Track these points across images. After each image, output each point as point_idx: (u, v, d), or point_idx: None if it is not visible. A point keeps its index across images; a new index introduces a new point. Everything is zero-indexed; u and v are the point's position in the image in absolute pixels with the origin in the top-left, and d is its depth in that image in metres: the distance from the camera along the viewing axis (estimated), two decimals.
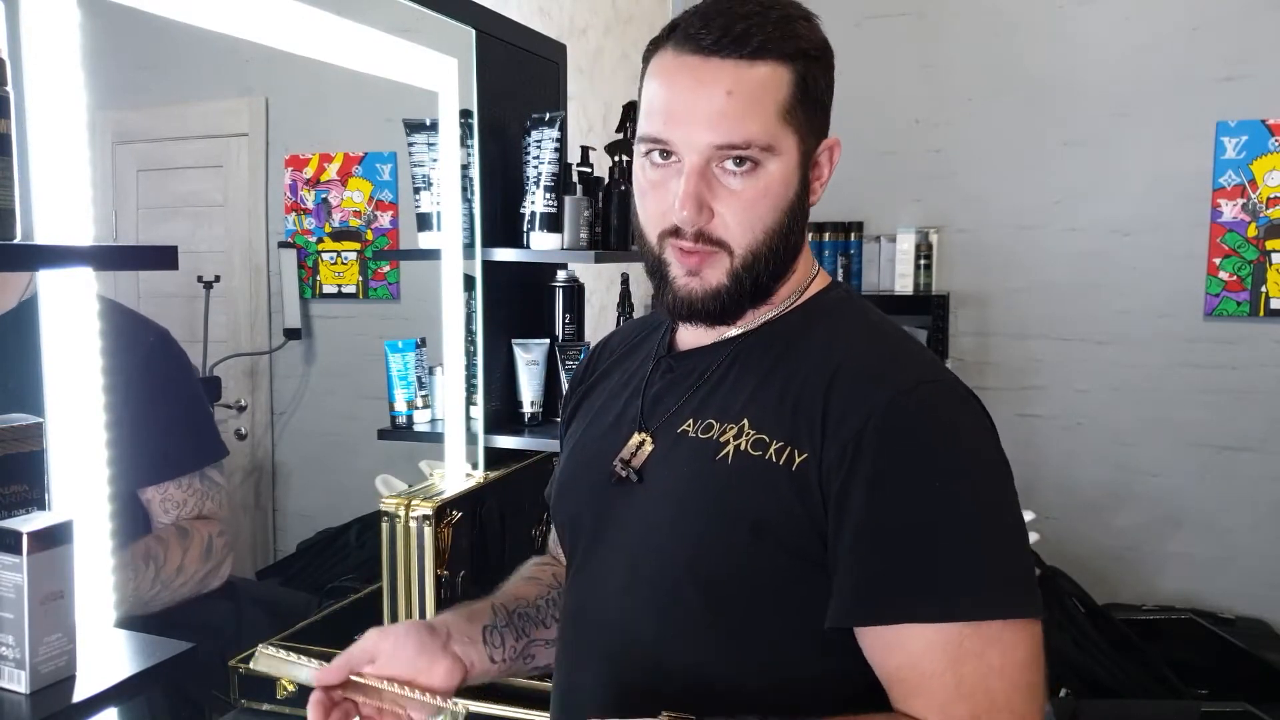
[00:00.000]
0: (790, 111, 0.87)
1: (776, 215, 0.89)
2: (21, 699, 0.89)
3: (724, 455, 0.88)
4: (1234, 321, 3.26)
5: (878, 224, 3.52)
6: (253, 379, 1.83)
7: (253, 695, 1.53)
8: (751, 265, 0.89)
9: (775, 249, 0.90)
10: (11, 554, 0.87)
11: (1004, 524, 0.83)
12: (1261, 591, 3.24)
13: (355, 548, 1.83)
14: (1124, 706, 2.60)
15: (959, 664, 0.78)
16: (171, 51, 1.49)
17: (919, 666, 0.79)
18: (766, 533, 0.85)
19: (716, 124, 0.85)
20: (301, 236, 1.91)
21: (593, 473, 0.98)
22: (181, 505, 1.43)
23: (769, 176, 0.87)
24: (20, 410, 0.96)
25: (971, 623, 0.78)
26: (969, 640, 0.78)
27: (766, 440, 0.86)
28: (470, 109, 1.71)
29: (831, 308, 0.95)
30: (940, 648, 0.78)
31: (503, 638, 1.05)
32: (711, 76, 0.86)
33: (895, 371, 0.87)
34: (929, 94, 3.55)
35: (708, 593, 0.88)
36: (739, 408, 0.90)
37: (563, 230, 1.76)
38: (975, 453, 0.85)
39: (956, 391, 0.88)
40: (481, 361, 1.76)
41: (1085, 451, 3.43)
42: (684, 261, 0.90)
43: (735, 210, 0.88)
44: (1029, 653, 0.79)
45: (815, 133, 0.90)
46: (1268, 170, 3.19)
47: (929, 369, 0.89)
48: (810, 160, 0.91)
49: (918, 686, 0.79)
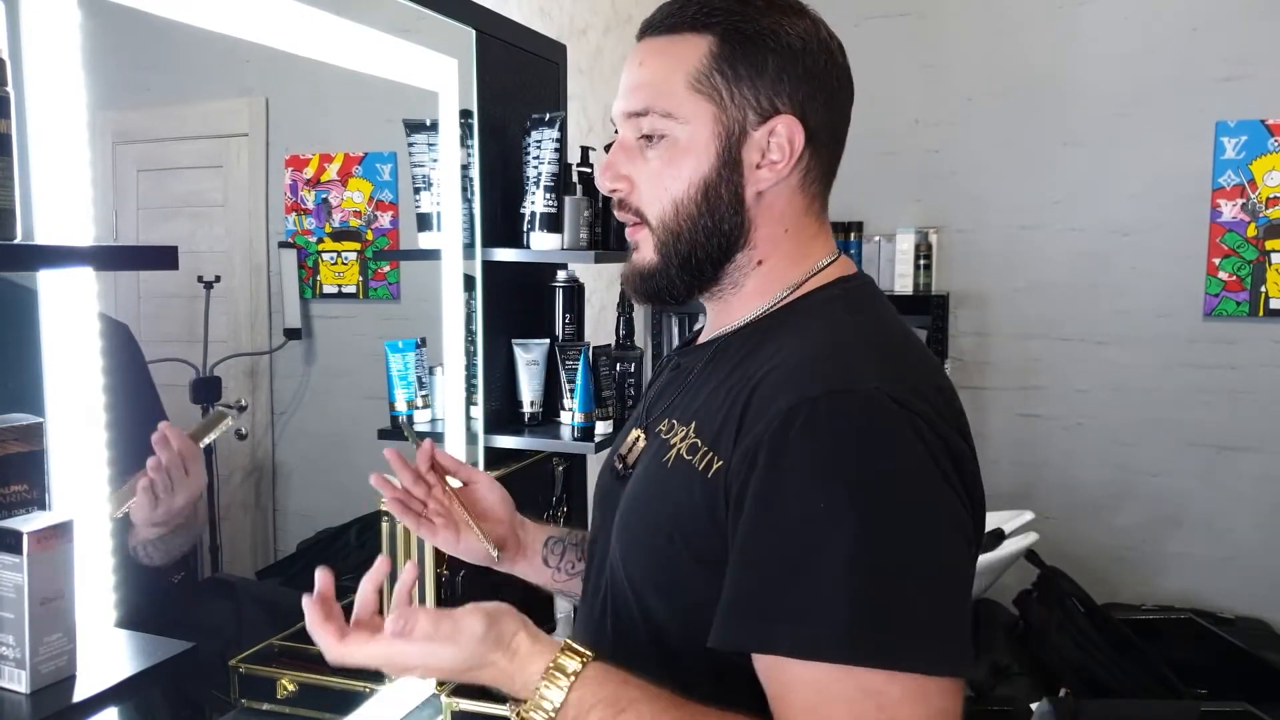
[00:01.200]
0: (702, 79, 0.85)
1: (684, 187, 0.87)
2: (21, 699, 0.89)
3: (668, 458, 0.87)
4: (1234, 321, 3.26)
5: (877, 224, 3.52)
6: (253, 379, 1.83)
7: (253, 695, 1.53)
8: (671, 241, 0.88)
9: (694, 225, 0.87)
10: (11, 554, 0.87)
11: (903, 561, 0.72)
12: (1261, 591, 3.24)
13: (355, 548, 1.83)
14: (1124, 706, 2.60)
15: (825, 707, 0.70)
16: (171, 51, 1.49)
17: (786, 699, 0.72)
18: (679, 538, 0.82)
19: (628, 94, 0.89)
20: (301, 236, 1.91)
21: (609, 467, 1.01)
22: None
23: (674, 146, 0.87)
24: (20, 410, 0.96)
25: (844, 666, 0.69)
26: (838, 685, 0.69)
27: (699, 445, 0.84)
28: (470, 109, 1.71)
29: (816, 305, 0.89)
30: (807, 685, 0.71)
31: (564, 550, 1.15)
32: (636, 52, 0.89)
33: (810, 375, 0.78)
34: (929, 94, 3.55)
35: (638, 594, 0.88)
36: (694, 410, 0.88)
37: (563, 230, 1.76)
38: (882, 476, 0.74)
39: (876, 405, 0.75)
40: (481, 361, 1.76)
41: (1085, 451, 3.43)
42: (628, 237, 0.93)
43: (644, 179, 0.89)
44: (920, 716, 0.68)
45: (751, 108, 0.86)
46: (1267, 170, 3.19)
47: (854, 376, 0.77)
48: (741, 136, 0.86)
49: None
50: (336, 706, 1.49)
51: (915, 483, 0.75)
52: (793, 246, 0.91)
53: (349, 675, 1.58)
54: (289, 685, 1.52)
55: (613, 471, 0.98)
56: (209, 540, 1.70)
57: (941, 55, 3.52)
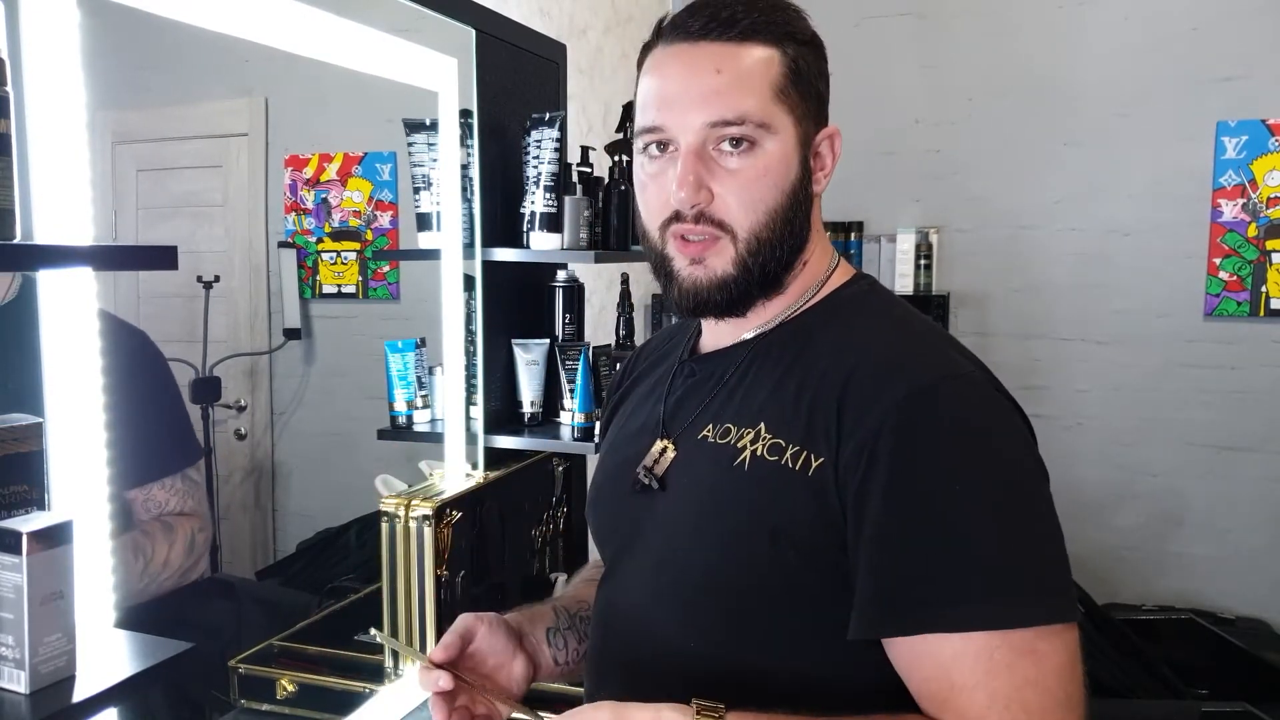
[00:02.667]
0: (783, 92, 0.86)
1: (778, 196, 0.87)
2: (21, 699, 0.88)
3: (741, 461, 0.86)
4: (1234, 321, 3.26)
5: (878, 224, 3.52)
6: (253, 379, 1.83)
7: (253, 695, 1.53)
8: (757, 250, 0.87)
9: (780, 233, 0.87)
10: (11, 554, 0.87)
11: (1032, 527, 0.79)
12: (1261, 591, 3.24)
13: (355, 548, 1.83)
14: (1124, 706, 2.60)
15: (990, 677, 0.74)
16: (171, 51, 1.49)
17: (947, 678, 0.76)
18: (784, 540, 0.82)
19: (709, 101, 0.85)
20: (301, 236, 1.91)
21: (620, 481, 0.97)
22: (164, 505, 1.44)
23: (768, 155, 0.86)
24: (20, 410, 0.96)
25: (1000, 632, 0.74)
26: (999, 651, 0.74)
27: (783, 444, 0.84)
28: (470, 109, 1.71)
29: (852, 301, 0.92)
30: (969, 658, 0.75)
31: (565, 640, 1.06)
32: (700, 58, 0.86)
33: (914, 366, 0.82)
34: (929, 94, 3.55)
35: (728, 602, 0.86)
36: (755, 411, 0.87)
37: (563, 230, 1.76)
38: (999, 452, 0.81)
39: (981, 388, 0.83)
40: (481, 361, 1.76)
41: (1085, 451, 3.43)
42: (686, 251, 0.88)
43: (735, 190, 0.86)
44: (1065, 661, 0.75)
45: (812, 118, 0.89)
46: (1268, 170, 3.19)
47: (952, 363, 0.84)
48: (810, 146, 0.89)
49: (947, 700, 0.76)
50: (336, 707, 1.49)
51: (1021, 454, 0.82)
52: (821, 247, 0.95)
53: (348, 675, 1.59)
54: (288, 685, 1.52)
55: (633, 485, 0.94)
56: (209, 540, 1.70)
57: (941, 55, 3.52)
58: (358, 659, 1.63)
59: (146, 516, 1.43)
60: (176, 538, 1.45)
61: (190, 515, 1.47)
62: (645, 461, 0.94)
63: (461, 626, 0.95)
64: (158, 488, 1.43)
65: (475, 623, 0.96)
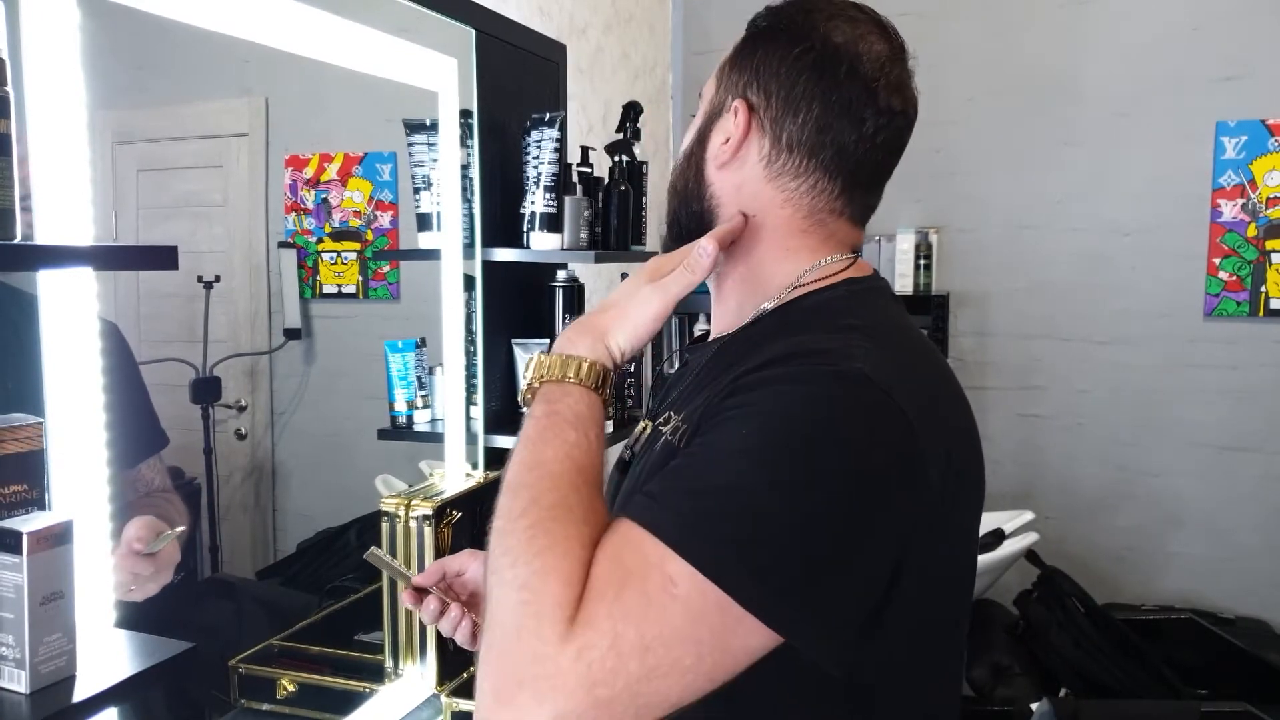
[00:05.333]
0: (721, 68, 0.96)
1: (680, 158, 0.98)
2: (21, 699, 0.89)
3: (657, 445, 0.90)
4: (1234, 321, 3.26)
5: (877, 224, 3.48)
6: (253, 379, 1.83)
7: (252, 695, 1.53)
8: (668, 204, 1.00)
9: (674, 192, 0.98)
10: (11, 554, 0.87)
11: (781, 506, 0.70)
12: (1261, 591, 3.24)
13: (355, 548, 1.83)
14: (1124, 706, 2.60)
15: (625, 550, 0.70)
16: (171, 51, 1.49)
17: (603, 541, 0.72)
18: None
19: None
20: (301, 236, 1.91)
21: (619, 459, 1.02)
22: (150, 483, 1.46)
23: (693, 124, 0.98)
24: (20, 410, 0.96)
25: (649, 533, 0.69)
26: (633, 532, 0.70)
27: (679, 425, 0.87)
28: (470, 109, 1.71)
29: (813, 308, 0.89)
30: (622, 535, 0.71)
31: None
32: None
33: (788, 350, 0.79)
34: (929, 94, 3.51)
35: None
36: (689, 403, 0.89)
37: (563, 230, 1.76)
38: (814, 441, 0.73)
39: (859, 389, 0.74)
40: (481, 361, 1.76)
41: (1085, 451, 3.43)
42: None
43: None
44: (687, 608, 0.67)
45: (730, 91, 0.93)
46: (1268, 170, 3.19)
47: (841, 356, 0.76)
48: (716, 116, 0.95)
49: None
50: (336, 706, 1.49)
51: (852, 462, 0.73)
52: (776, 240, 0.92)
53: (348, 675, 1.59)
54: (289, 685, 1.52)
55: (619, 463, 1.00)
56: (209, 540, 1.70)
57: (942, 55, 3.51)
58: (358, 659, 1.63)
59: (135, 497, 1.45)
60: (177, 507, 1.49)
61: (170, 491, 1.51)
62: (629, 440, 1.00)
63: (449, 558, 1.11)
64: (144, 468, 1.46)
65: (465, 559, 1.10)
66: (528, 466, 0.77)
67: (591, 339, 0.86)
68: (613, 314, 0.87)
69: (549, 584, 0.68)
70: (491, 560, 0.73)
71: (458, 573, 1.09)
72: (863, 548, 0.73)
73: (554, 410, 0.81)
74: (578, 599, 0.68)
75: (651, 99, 3.33)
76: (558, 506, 0.74)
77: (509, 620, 0.69)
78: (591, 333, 0.86)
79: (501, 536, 0.73)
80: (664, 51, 3.61)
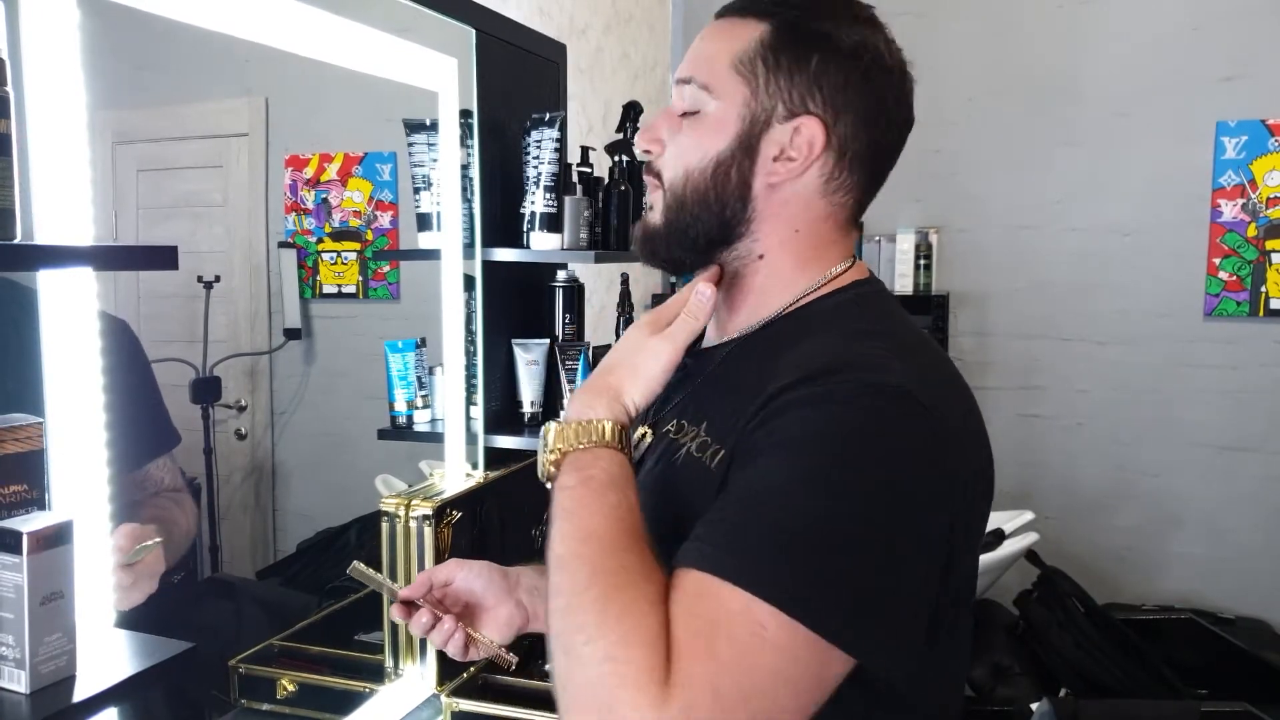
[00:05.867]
0: (745, 63, 0.87)
1: (701, 159, 0.88)
2: (21, 699, 0.89)
3: (678, 456, 0.88)
4: (1234, 321, 3.26)
5: (877, 224, 3.52)
6: (253, 379, 1.83)
7: (253, 695, 1.53)
8: (677, 208, 0.90)
9: (699, 199, 0.88)
10: (11, 554, 0.87)
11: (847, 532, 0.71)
12: (1261, 591, 3.24)
13: (355, 548, 1.83)
14: (1124, 706, 2.60)
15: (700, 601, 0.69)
16: (171, 51, 1.49)
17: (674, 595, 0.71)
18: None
19: (683, 63, 0.92)
20: (301, 236, 1.91)
21: None
22: (160, 483, 1.46)
23: (704, 120, 0.89)
24: (20, 410, 0.96)
25: (726, 582, 0.68)
26: (706, 583, 0.69)
27: (709, 442, 0.85)
28: (470, 109, 1.71)
29: (829, 310, 0.89)
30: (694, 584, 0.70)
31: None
32: (705, 29, 0.93)
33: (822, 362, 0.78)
34: (929, 94, 3.51)
35: None
36: (706, 411, 0.88)
37: (563, 230, 1.76)
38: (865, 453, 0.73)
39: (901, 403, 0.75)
40: (481, 361, 1.76)
41: (1085, 451, 3.43)
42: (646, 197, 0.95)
43: (672, 145, 0.91)
44: (778, 650, 0.67)
45: (782, 100, 0.86)
46: (1268, 170, 3.19)
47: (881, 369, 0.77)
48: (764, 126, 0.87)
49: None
50: (336, 706, 1.49)
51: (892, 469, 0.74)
52: (803, 249, 0.91)
53: (348, 675, 1.59)
54: (289, 685, 1.52)
55: None
56: (209, 540, 1.70)
57: (941, 55, 3.52)
58: (358, 659, 1.63)
59: (143, 496, 1.45)
60: (185, 508, 1.49)
61: (181, 490, 1.50)
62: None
63: (436, 569, 1.08)
64: (154, 467, 1.46)
65: (453, 567, 1.07)
66: (579, 539, 0.76)
67: (607, 399, 0.86)
68: (623, 372, 0.87)
69: (634, 651, 0.67)
70: (561, 641, 0.71)
71: (445, 583, 1.06)
72: (922, 565, 0.75)
73: (588, 477, 0.80)
74: (666, 661, 0.67)
75: (651, 99, 3.33)
76: (620, 572, 0.73)
77: (598, 697, 0.67)
78: (605, 394, 0.86)
79: (570, 614, 0.72)
80: (664, 51, 3.61)
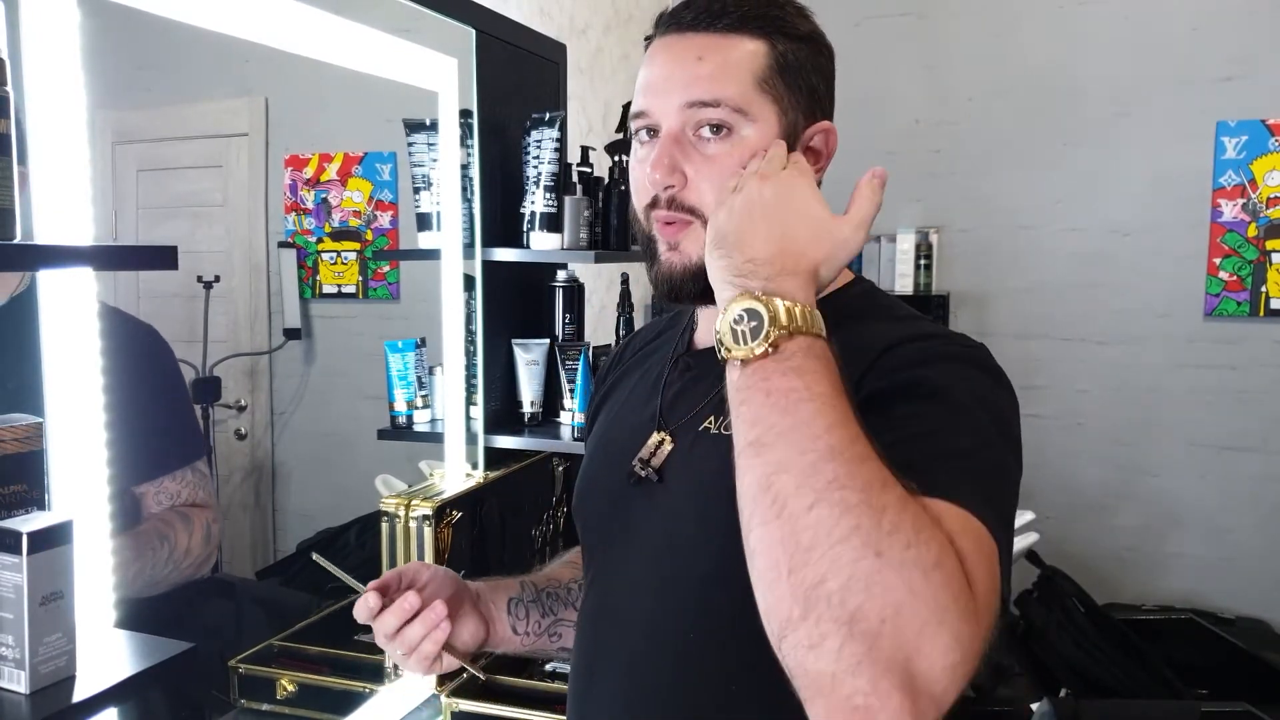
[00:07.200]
0: (767, 82, 0.86)
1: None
2: (21, 699, 0.88)
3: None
4: (1234, 321, 3.26)
5: (878, 224, 3.46)
6: (253, 379, 1.83)
7: (252, 695, 1.53)
8: None
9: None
10: (11, 554, 0.87)
11: (1001, 430, 0.77)
12: (1261, 591, 3.24)
13: (355, 548, 1.83)
14: (1124, 706, 2.60)
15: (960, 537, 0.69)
16: (171, 51, 1.49)
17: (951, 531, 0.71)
18: None
19: (689, 85, 0.86)
20: (301, 236, 1.91)
21: (613, 473, 0.96)
22: (175, 497, 1.45)
23: (745, 143, 0.85)
24: (20, 410, 0.96)
25: (974, 516, 0.69)
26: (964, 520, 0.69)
27: None
28: (470, 109, 1.71)
29: (858, 302, 0.92)
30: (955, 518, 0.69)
31: (527, 611, 1.10)
32: (686, 46, 0.87)
33: (907, 331, 0.84)
34: (929, 94, 3.55)
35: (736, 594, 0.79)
36: None
37: (563, 230, 1.76)
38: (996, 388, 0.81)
39: (973, 348, 0.84)
40: (481, 361, 1.76)
41: (1085, 451, 3.43)
42: (664, 234, 0.88)
43: (709, 175, 0.85)
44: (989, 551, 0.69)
45: (802, 111, 0.88)
46: (1268, 170, 3.19)
47: (952, 335, 0.86)
48: (798, 140, 0.89)
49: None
50: (336, 707, 1.49)
51: (1015, 413, 0.81)
52: None
53: (348, 675, 1.59)
54: (288, 685, 1.52)
55: (627, 478, 0.93)
56: None
57: (941, 55, 3.52)
58: (358, 659, 1.63)
59: (159, 508, 1.44)
60: (195, 527, 1.46)
61: (203, 506, 1.48)
62: (641, 454, 0.93)
63: (403, 568, 1.05)
64: (169, 480, 1.44)
65: (421, 569, 1.05)
66: (849, 439, 0.68)
67: (803, 281, 0.77)
68: (816, 254, 0.80)
69: (952, 561, 0.64)
70: (869, 540, 0.63)
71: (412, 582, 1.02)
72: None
73: (833, 369, 0.73)
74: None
75: None
76: (893, 482, 0.68)
77: (937, 599, 0.62)
78: (801, 275, 0.77)
79: (873, 512, 0.64)
80: None
